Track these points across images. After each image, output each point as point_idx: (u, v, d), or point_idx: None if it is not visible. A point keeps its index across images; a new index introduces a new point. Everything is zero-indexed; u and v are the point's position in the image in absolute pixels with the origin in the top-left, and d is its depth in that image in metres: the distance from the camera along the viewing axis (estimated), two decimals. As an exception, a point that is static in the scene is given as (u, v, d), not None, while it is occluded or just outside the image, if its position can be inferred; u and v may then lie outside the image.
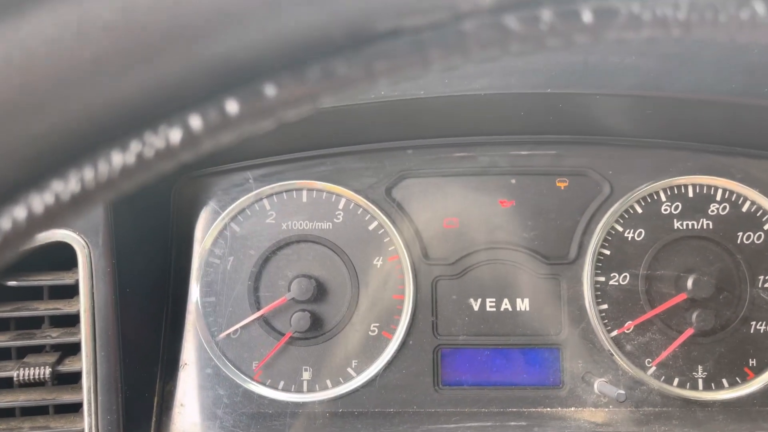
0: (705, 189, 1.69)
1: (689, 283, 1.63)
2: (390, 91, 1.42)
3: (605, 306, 1.67)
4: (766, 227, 1.68)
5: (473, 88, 1.43)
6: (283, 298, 1.65)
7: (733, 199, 1.69)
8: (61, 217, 0.49)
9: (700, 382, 1.65)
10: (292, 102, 0.54)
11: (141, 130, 0.51)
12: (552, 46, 0.55)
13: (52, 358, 1.44)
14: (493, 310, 1.69)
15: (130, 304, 1.46)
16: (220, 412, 1.63)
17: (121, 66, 0.50)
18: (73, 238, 1.38)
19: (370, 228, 1.71)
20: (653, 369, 1.65)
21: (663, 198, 1.69)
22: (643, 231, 1.68)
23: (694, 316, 1.62)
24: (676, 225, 1.68)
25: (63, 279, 1.42)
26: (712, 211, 1.68)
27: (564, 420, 1.61)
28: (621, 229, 1.69)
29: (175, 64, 0.51)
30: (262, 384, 1.66)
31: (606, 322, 1.67)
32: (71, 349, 1.47)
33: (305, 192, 1.71)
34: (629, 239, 1.69)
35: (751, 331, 1.66)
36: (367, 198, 1.70)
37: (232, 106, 0.53)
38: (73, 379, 1.48)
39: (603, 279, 1.68)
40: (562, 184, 1.72)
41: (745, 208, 1.68)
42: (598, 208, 1.69)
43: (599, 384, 1.60)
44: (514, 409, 1.64)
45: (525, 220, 1.71)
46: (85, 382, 1.40)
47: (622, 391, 1.53)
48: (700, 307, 1.64)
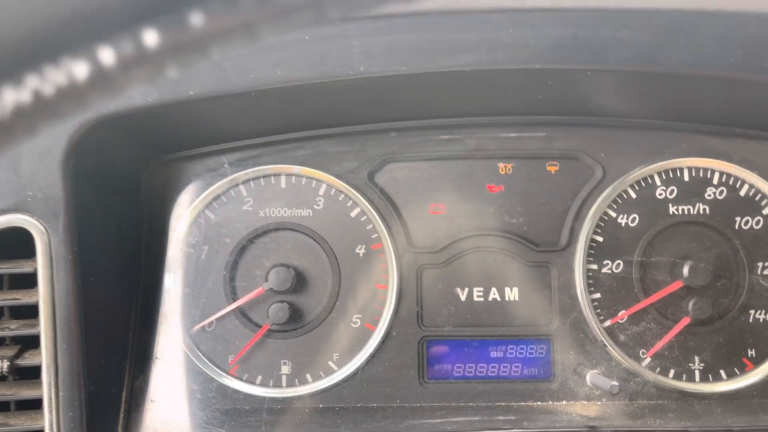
0: (701, 172, 1.62)
1: (685, 270, 1.56)
2: (369, 67, 1.34)
3: (598, 295, 1.60)
4: (765, 212, 1.61)
5: (458, 64, 1.35)
6: (260, 289, 1.57)
7: (730, 182, 1.62)
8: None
9: (697, 373, 1.58)
10: (223, 34, 0.46)
11: (39, 61, 0.43)
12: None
13: (11, 352, 1.36)
14: (481, 299, 1.61)
15: (94, 294, 1.38)
16: (193, 408, 1.55)
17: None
18: (30, 224, 1.30)
19: (352, 215, 1.63)
20: (648, 360, 1.58)
21: (658, 182, 1.62)
22: (637, 216, 1.61)
23: (691, 304, 1.55)
24: (672, 210, 1.61)
25: (22, 267, 1.34)
26: (709, 195, 1.61)
27: (555, 414, 1.53)
28: (614, 214, 1.62)
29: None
30: (239, 379, 1.58)
31: (599, 311, 1.59)
32: (33, 342, 1.38)
33: (283, 177, 1.63)
34: (623, 225, 1.61)
35: (750, 320, 1.59)
36: (348, 183, 1.62)
37: (151, 37, 0.44)
38: (35, 373, 1.40)
39: (595, 267, 1.60)
40: (553, 168, 1.64)
41: (743, 192, 1.61)
42: (590, 193, 1.62)
43: (592, 376, 1.53)
44: (503, 403, 1.56)
45: (514, 205, 1.63)
46: (45, 376, 1.31)
47: (616, 383, 1.46)
48: (697, 295, 1.57)
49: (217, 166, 1.62)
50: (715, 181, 1.62)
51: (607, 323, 1.59)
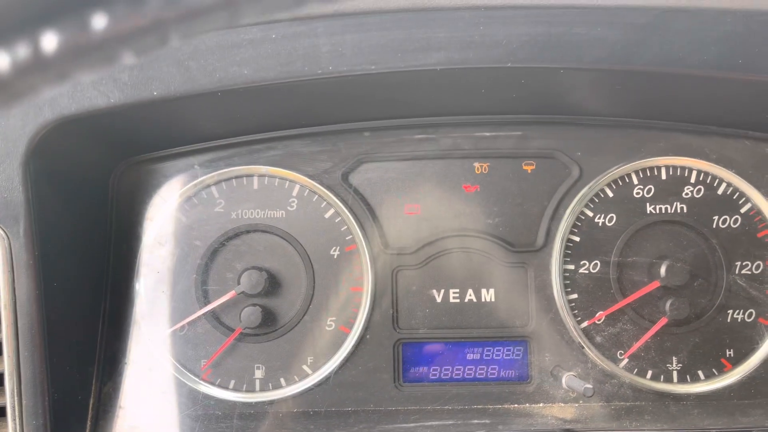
0: (679, 171, 1.60)
1: (662, 270, 1.54)
2: (338, 65, 1.31)
3: (575, 295, 1.58)
4: (743, 210, 1.59)
5: (428, 63, 1.32)
6: (231, 293, 1.54)
7: (708, 181, 1.60)
8: None
9: (675, 374, 1.56)
10: (128, 36, 0.43)
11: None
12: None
13: (-27, 360, 1.32)
14: (457, 301, 1.59)
15: (58, 300, 1.35)
16: (164, 415, 1.52)
17: None
18: (-10, 228, 1.26)
19: (326, 216, 1.60)
20: (625, 361, 1.56)
21: (635, 181, 1.60)
22: (614, 216, 1.59)
23: (668, 304, 1.54)
24: (649, 209, 1.59)
25: (-19, 273, 1.30)
26: (686, 194, 1.60)
27: (531, 417, 1.52)
28: (591, 213, 1.60)
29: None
30: (212, 384, 1.56)
31: (576, 312, 1.57)
32: (-4, 350, 1.35)
33: (256, 178, 1.60)
34: (600, 224, 1.59)
35: (728, 320, 1.57)
36: (322, 184, 1.59)
37: (50, 41, 0.42)
38: (-1, 381, 1.37)
39: (572, 267, 1.59)
40: (529, 168, 1.62)
41: (720, 191, 1.60)
42: (566, 192, 1.60)
43: (567, 378, 1.51)
44: (479, 406, 1.54)
45: (490, 205, 1.61)
46: (8, 384, 1.28)
47: (590, 386, 1.44)
48: (674, 295, 1.55)
49: (187, 168, 1.59)
50: (692, 179, 1.60)
51: (584, 324, 1.57)
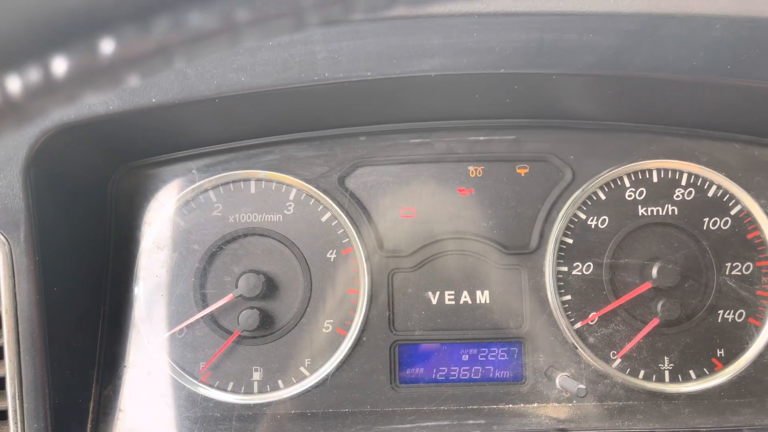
0: (670, 173, 1.63)
1: (654, 271, 1.57)
2: (334, 72, 1.33)
3: (568, 297, 1.60)
4: (733, 212, 1.62)
5: (423, 69, 1.34)
6: (229, 296, 1.56)
7: (698, 183, 1.62)
8: None
9: (667, 374, 1.59)
10: (134, 60, 0.45)
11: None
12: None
13: (-26, 364, 1.34)
14: (452, 303, 1.61)
15: (59, 304, 1.37)
16: (163, 417, 1.54)
17: None
18: (-9, 234, 1.28)
19: (323, 219, 1.62)
20: (618, 362, 1.58)
21: (627, 183, 1.62)
22: (606, 218, 1.62)
23: (659, 305, 1.56)
24: (641, 211, 1.62)
25: (-17, 278, 1.32)
26: (678, 196, 1.62)
27: (525, 417, 1.54)
28: (584, 216, 1.62)
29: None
30: (210, 386, 1.57)
31: (569, 313, 1.60)
32: (-3, 354, 1.37)
33: (253, 182, 1.62)
34: (592, 227, 1.62)
35: (719, 320, 1.60)
36: (318, 188, 1.61)
37: (60, 65, 0.43)
38: (0, 385, 1.38)
39: (565, 269, 1.61)
40: (523, 171, 1.64)
41: (711, 193, 1.62)
42: (559, 195, 1.62)
43: (561, 378, 1.53)
44: (474, 407, 1.57)
45: (484, 208, 1.63)
46: (9, 388, 1.30)
47: (582, 386, 1.46)
48: (665, 296, 1.58)
49: (185, 172, 1.61)
50: (683, 182, 1.62)
51: (578, 325, 1.59)
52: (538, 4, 1.36)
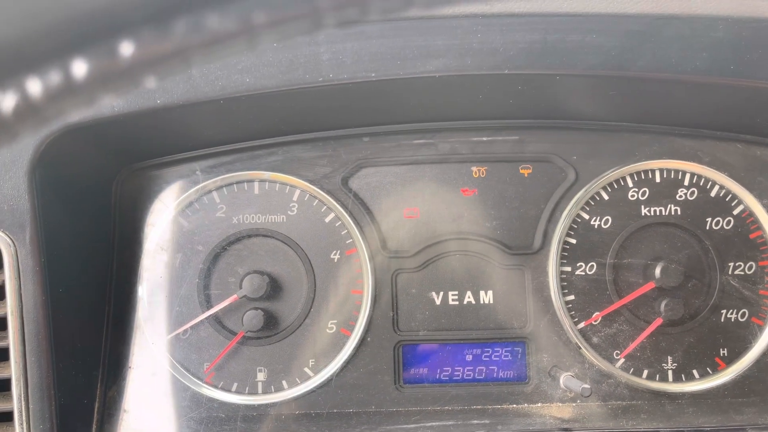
0: (672, 174, 1.63)
1: (657, 271, 1.57)
2: (338, 73, 1.33)
3: (571, 297, 1.61)
4: (736, 212, 1.62)
5: (427, 70, 1.35)
6: (234, 297, 1.56)
7: (701, 183, 1.63)
8: None
9: (670, 373, 1.59)
10: (153, 62, 0.45)
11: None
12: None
13: (-20, 365, 1.34)
14: (456, 303, 1.62)
15: (64, 305, 1.37)
16: (167, 418, 1.54)
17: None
18: (-3, 236, 1.28)
19: (327, 220, 1.63)
20: (621, 361, 1.59)
21: (630, 183, 1.63)
22: (609, 218, 1.62)
23: (663, 305, 1.57)
24: (644, 211, 1.62)
25: (-12, 280, 1.32)
26: (680, 196, 1.63)
27: (529, 417, 1.54)
28: (587, 216, 1.62)
29: (4, 10, 0.42)
30: (214, 387, 1.58)
31: (573, 313, 1.60)
32: (2, 355, 1.37)
33: (257, 183, 1.63)
34: (595, 227, 1.62)
35: (722, 319, 1.61)
36: (322, 189, 1.61)
37: (79, 68, 0.44)
38: (5, 386, 1.38)
39: (569, 269, 1.61)
40: (526, 171, 1.65)
41: (713, 193, 1.63)
42: (562, 196, 1.62)
43: (565, 378, 1.54)
44: (478, 407, 1.57)
45: (488, 209, 1.64)
46: (15, 389, 1.30)
47: (587, 386, 1.46)
48: (669, 296, 1.58)
49: (189, 173, 1.61)
50: (686, 182, 1.63)
51: (581, 325, 1.60)
52: (541, 5, 1.36)
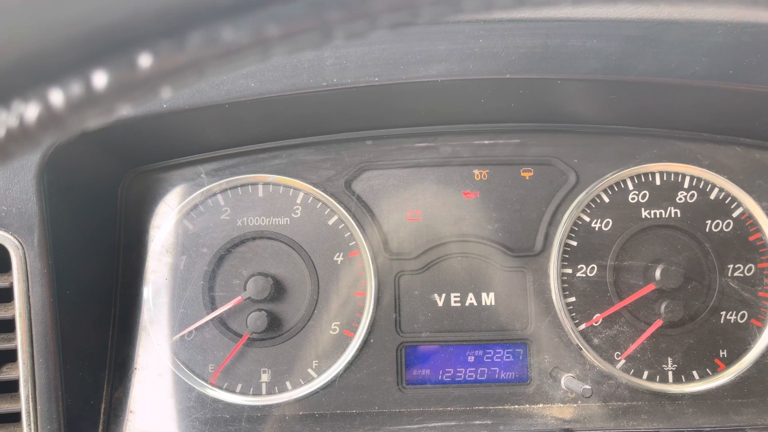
0: (672, 176, 1.65)
1: (657, 273, 1.59)
2: (342, 78, 1.35)
3: (572, 299, 1.62)
4: (735, 214, 1.64)
5: (430, 75, 1.36)
6: (238, 298, 1.58)
7: (701, 186, 1.65)
8: None
9: (670, 374, 1.60)
10: (170, 73, 0.47)
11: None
12: (468, 10, 0.49)
13: (-12, 366, 1.36)
14: (458, 305, 1.63)
15: (71, 307, 1.38)
16: (173, 418, 1.55)
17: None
18: (5, 239, 1.30)
19: (330, 223, 1.64)
20: (622, 362, 1.60)
21: (630, 186, 1.65)
22: (610, 221, 1.64)
23: (663, 307, 1.58)
24: (644, 214, 1.64)
25: (-3, 282, 1.34)
26: (680, 199, 1.64)
27: (531, 417, 1.56)
28: (588, 219, 1.64)
29: (27, 24, 0.44)
30: (219, 388, 1.59)
31: (574, 315, 1.62)
32: (10, 356, 1.39)
33: (261, 186, 1.64)
34: (596, 229, 1.64)
35: (721, 321, 1.62)
36: (325, 191, 1.63)
37: (100, 79, 0.45)
38: (13, 387, 1.40)
39: (570, 271, 1.63)
40: (527, 174, 1.66)
41: (713, 196, 1.64)
42: (563, 198, 1.64)
43: (566, 379, 1.55)
44: (480, 407, 1.58)
45: (489, 211, 1.65)
46: (23, 390, 1.32)
47: (588, 387, 1.48)
48: (669, 297, 1.60)
49: (193, 176, 1.63)
50: (685, 185, 1.65)
51: (582, 327, 1.61)
52: (542, 10, 1.38)
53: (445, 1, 0.47)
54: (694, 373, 1.61)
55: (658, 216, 1.63)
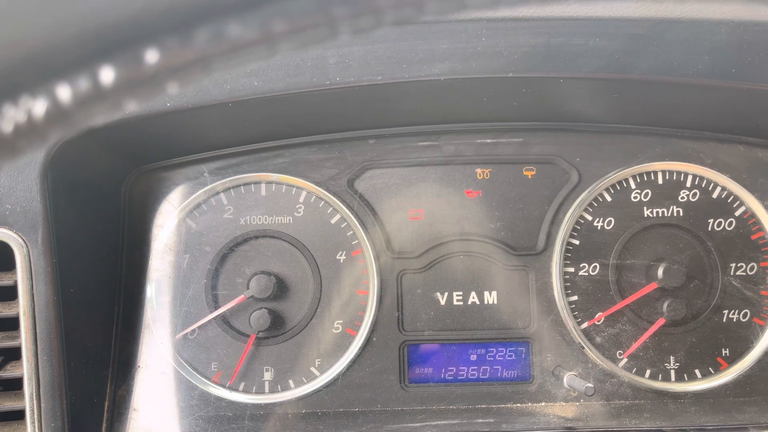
0: (675, 175, 1.65)
1: (660, 272, 1.59)
2: (345, 77, 1.35)
3: (575, 297, 1.62)
4: (737, 213, 1.64)
5: (432, 73, 1.37)
6: (241, 297, 1.58)
7: (703, 185, 1.65)
8: None
9: (673, 373, 1.61)
10: (177, 69, 0.47)
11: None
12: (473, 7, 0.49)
13: (-8, 364, 1.36)
14: (460, 303, 1.63)
15: (75, 305, 1.39)
16: (176, 416, 1.56)
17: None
18: (9, 237, 1.30)
19: (332, 221, 1.64)
20: (624, 361, 1.61)
21: (632, 185, 1.65)
22: (612, 219, 1.64)
23: (665, 305, 1.58)
24: (646, 213, 1.64)
25: (1, 280, 1.34)
26: (682, 197, 1.64)
27: (533, 416, 1.56)
28: (590, 218, 1.64)
29: (36, 22, 0.44)
30: (221, 386, 1.60)
31: (576, 313, 1.62)
32: (14, 354, 1.39)
33: (263, 185, 1.65)
34: (598, 228, 1.64)
35: (724, 320, 1.62)
36: (328, 190, 1.63)
37: (107, 75, 0.46)
38: (17, 384, 1.40)
39: (572, 270, 1.63)
40: (530, 173, 1.67)
41: (715, 195, 1.64)
42: (566, 197, 1.64)
43: (569, 378, 1.55)
44: (483, 406, 1.59)
45: (492, 210, 1.65)
46: (27, 388, 1.32)
47: (591, 385, 1.48)
48: (671, 296, 1.60)
49: (197, 175, 1.63)
50: (688, 183, 1.65)
51: (584, 325, 1.61)
52: (545, 8, 1.38)
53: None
54: (697, 371, 1.61)
55: (660, 215, 1.64)
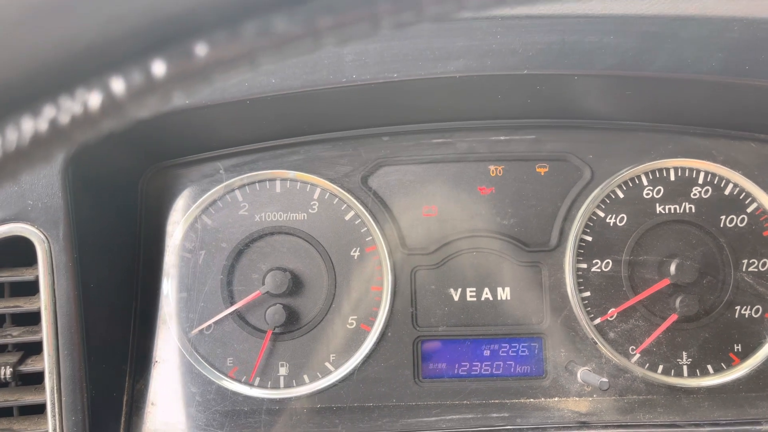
0: (687, 172, 1.66)
1: (672, 268, 1.60)
2: (361, 74, 1.37)
3: (588, 293, 1.63)
4: (749, 210, 1.65)
5: (448, 71, 1.38)
6: (257, 293, 1.60)
7: (715, 182, 1.66)
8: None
9: (685, 368, 1.62)
10: (225, 62, 0.48)
11: (55, 92, 0.46)
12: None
13: (14, 358, 1.38)
14: (474, 299, 1.65)
15: (94, 300, 1.40)
16: (193, 411, 1.57)
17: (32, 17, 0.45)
18: (31, 232, 1.32)
19: (347, 218, 1.66)
20: (637, 356, 1.62)
21: (645, 182, 1.66)
22: (625, 216, 1.65)
23: (678, 301, 1.59)
24: (659, 209, 1.65)
25: (23, 275, 1.36)
26: (695, 194, 1.65)
27: (547, 410, 1.57)
28: (602, 214, 1.65)
29: (91, 16, 0.45)
30: (237, 381, 1.61)
31: (589, 309, 1.63)
32: (35, 348, 1.41)
33: (278, 182, 1.66)
34: (611, 225, 1.65)
35: (736, 315, 1.63)
36: (342, 187, 1.65)
37: (159, 67, 0.47)
38: (38, 379, 1.42)
39: (585, 266, 1.64)
40: (542, 170, 1.68)
41: (727, 191, 1.65)
42: (579, 194, 1.65)
43: (582, 373, 1.57)
44: (496, 401, 1.60)
45: (505, 207, 1.67)
46: (48, 382, 1.34)
47: (605, 380, 1.49)
48: (684, 292, 1.61)
49: (212, 172, 1.65)
50: (700, 180, 1.66)
51: (597, 321, 1.62)
52: (560, 6, 1.39)
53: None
54: (709, 367, 1.62)
55: (672, 211, 1.65)
